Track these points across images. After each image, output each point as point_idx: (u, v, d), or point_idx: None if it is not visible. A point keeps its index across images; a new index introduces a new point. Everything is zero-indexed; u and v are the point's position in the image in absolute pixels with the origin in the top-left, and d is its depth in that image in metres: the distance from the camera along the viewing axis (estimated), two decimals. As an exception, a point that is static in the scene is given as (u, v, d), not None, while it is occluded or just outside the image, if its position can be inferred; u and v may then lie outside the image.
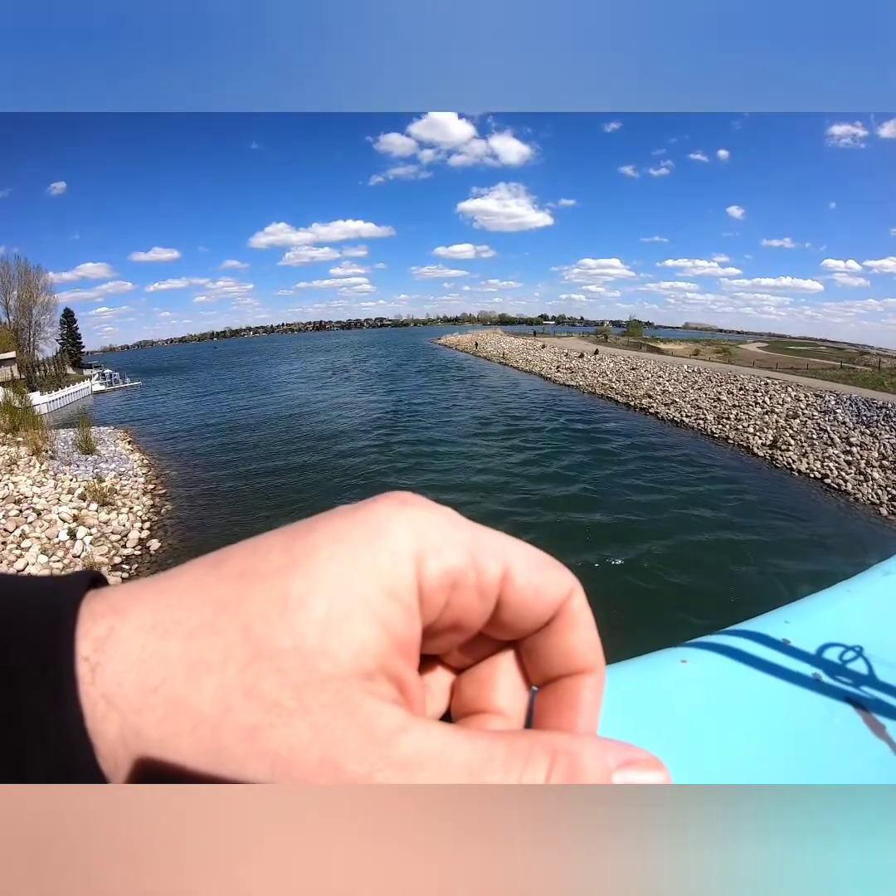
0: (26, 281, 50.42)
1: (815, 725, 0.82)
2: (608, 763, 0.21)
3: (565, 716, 0.25)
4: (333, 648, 0.19)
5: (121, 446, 17.67)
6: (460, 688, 0.28)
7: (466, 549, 0.23)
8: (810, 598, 1.10)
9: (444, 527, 0.23)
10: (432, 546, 0.22)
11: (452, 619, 0.23)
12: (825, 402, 19.45)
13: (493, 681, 0.27)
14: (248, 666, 0.19)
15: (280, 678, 0.19)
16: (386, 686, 0.20)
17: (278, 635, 0.19)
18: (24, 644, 0.18)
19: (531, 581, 0.24)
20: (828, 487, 13.90)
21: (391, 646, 0.21)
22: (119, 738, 0.18)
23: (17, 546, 9.13)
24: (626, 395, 26.47)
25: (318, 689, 0.19)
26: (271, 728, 0.18)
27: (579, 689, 0.25)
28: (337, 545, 0.21)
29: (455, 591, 0.23)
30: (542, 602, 0.24)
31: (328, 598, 0.20)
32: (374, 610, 0.20)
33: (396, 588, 0.21)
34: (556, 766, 0.20)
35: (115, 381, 46.52)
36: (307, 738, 0.18)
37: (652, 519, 10.97)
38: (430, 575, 0.22)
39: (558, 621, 0.25)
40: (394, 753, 0.19)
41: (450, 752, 0.19)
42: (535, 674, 0.27)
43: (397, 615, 0.21)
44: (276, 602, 0.20)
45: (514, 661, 0.27)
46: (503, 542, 0.24)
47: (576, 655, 0.25)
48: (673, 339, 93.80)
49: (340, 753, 0.18)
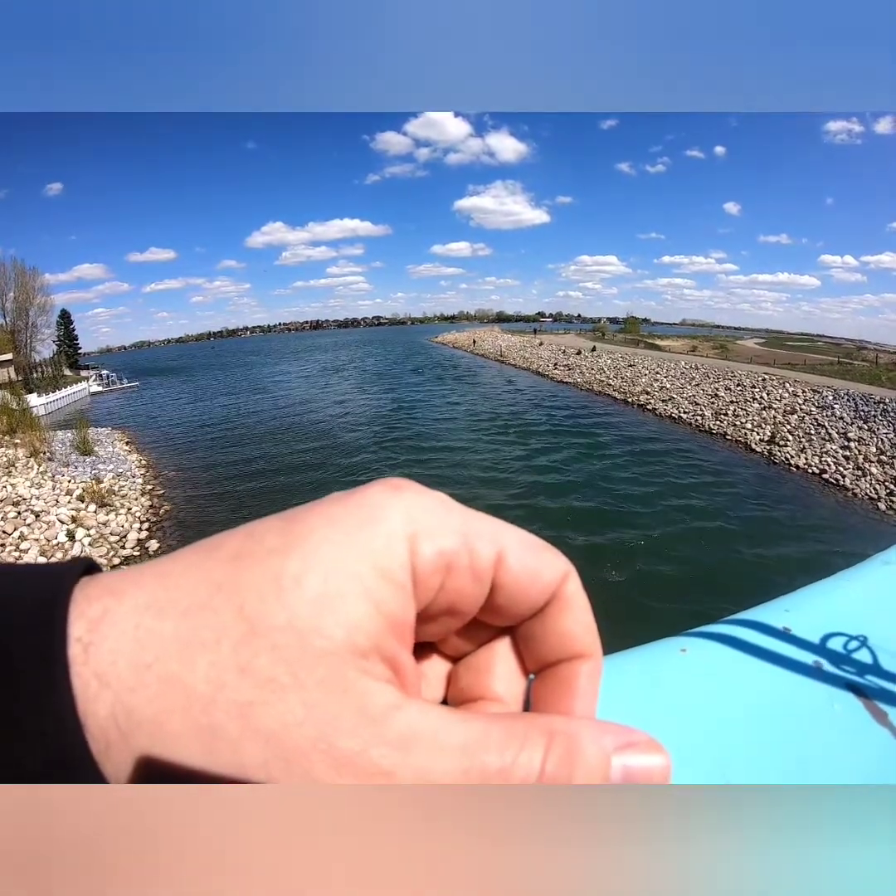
0: (22, 282, 50.20)
1: (816, 713, 0.82)
2: (606, 745, 0.21)
3: (563, 701, 0.25)
4: (328, 625, 0.19)
5: (119, 447, 17.67)
6: (457, 676, 0.27)
7: (460, 532, 0.23)
8: (810, 588, 1.11)
9: (437, 510, 0.23)
10: (426, 529, 0.22)
11: (447, 603, 0.23)
12: (823, 397, 19.53)
13: (489, 668, 0.27)
14: (242, 643, 0.19)
15: (274, 655, 0.19)
16: (380, 666, 0.20)
17: (273, 613, 0.19)
18: (17, 627, 0.18)
19: (525, 564, 0.24)
20: (826, 482, 13.95)
21: (385, 626, 0.21)
22: (111, 717, 0.18)
23: (15, 548, 9.14)
24: (623, 392, 26.54)
25: (313, 665, 0.19)
26: (265, 705, 0.18)
27: (576, 674, 0.25)
28: (332, 528, 0.21)
29: (449, 573, 0.22)
30: (537, 585, 0.24)
31: (323, 577, 0.20)
32: (369, 589, 0.20)
33: (391, 569, 0.21)
34: (553, 747, 0.20)
35: (112, 382, 46.52)
36: (301, 715, 0.18)
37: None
38: (424, 557, 0.22)
39: (553, 605, 0.25)
40: (388, 731, 0.19)
41: (445, 732, 0.19)
42: (532, 660, 0.26)
43: (392, 595, 0.21)
44: (270, 581, 0.20)
45: (510, 648, 0.27)
46: (496, 525, 0.24)
47: (572, 640, 0.25)
48: (670, 335, 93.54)
49: (334, 730, 0.18)
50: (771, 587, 1.44)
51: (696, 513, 11.26)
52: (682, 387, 25.18)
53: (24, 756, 0.17)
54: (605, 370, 32.27)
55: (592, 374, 32.08)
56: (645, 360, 33.58)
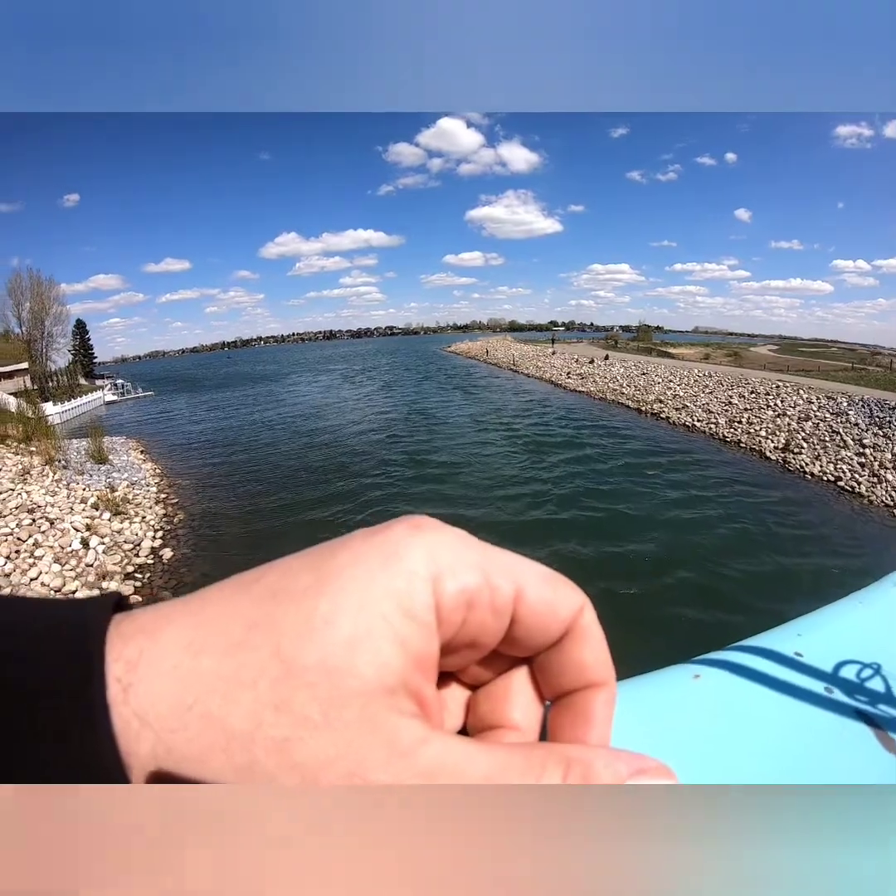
0: (38, 292, 50.63)
1: (827, 743, 0.81)
2: (620, 771, 0.22)
3: (579, 729, 0.26)
4: (358, 666, 0.20)
5: (133, 456, 17.77)
6: (476, 704, 0.28)
7: (480, 569, 0.23)
8: (821, 611, 1.09)
9: (457, 548, 0.24)
10: (447, 567, 0.23)
11: (469, 637, 0.24)
12: (837, 403, 19.32)
13: (507, 696, 0.27)
14: (279, 682, 0.19)
15: (309, 693, 0.19)
16: (406, 701, 0.21)
17: (306, 653, 0.20)
18: (55, 667, 0.18)
19: (543, 598, 0.25)
20: (841, 490, 13.80)
21: (411, 663, 0.21)
22: (151, 756, 0.18)
23: (30, 555, 9.16)
24: (636, 401, 26.40)
25: (344, 704, 0.19)
26: (301, 741, 0.19)
27: (592, 703, 0.26)
28: (357, 567, 0.22)
29: (471, 609, 0.23)
30: (555, 618, 0.25)
31: (352, 618, 0.20)
32: (395, 629, 0.21)
33: (414, 608, 0.22)
34: (571, 774, 0.21)
35: (127, 391, 46.92)
36: (334, 753, 0.19)
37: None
38: (447, 594, 0.22)
39: (570, 637, 0.26)
40: (416, 764, 0.19)
41: (469, 763, 0.20)
42: (549, 689, 0.27)
43: (416, 634, 0.21)
44: (304, 621, 0.20)
45: (527, 677, 0.28)
46: (514, 560, 0.25)
47: (587, 670, 0.26)
48: (683, 343, 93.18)
49: (366, 766, 0.19)
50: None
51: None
52: (696, 395, 25.03)
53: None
54: (617, 379, 32.10)
55: (605, 382, 31.89)
56: (658, 369, 33.46)
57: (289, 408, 30.42)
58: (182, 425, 26.99)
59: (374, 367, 60.39)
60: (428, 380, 42.62)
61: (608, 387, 30.63)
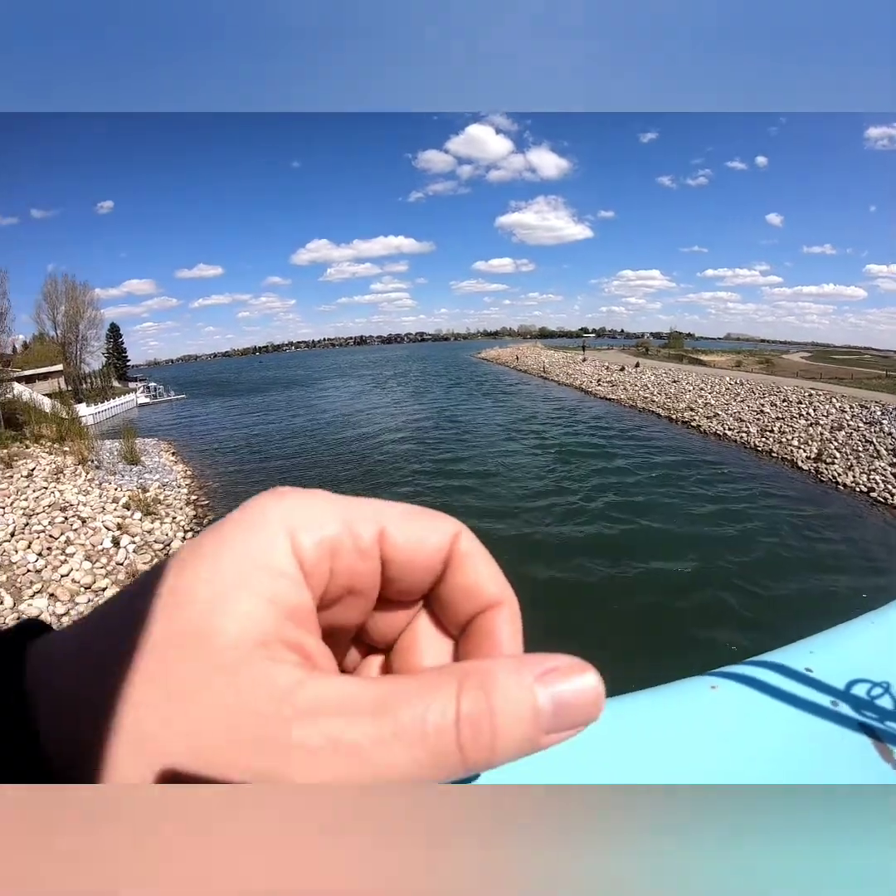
0: (73, 297, 51.44)
1: (826, 748, 0.81)
2: (524, 675, 0.20)
3: (484, 651, 0.25)
4: (222, 624, 0.20)
5: (165, 458, 18.10)
6: (390, 665, 0.28)
7: (340, 519, 0.24)
8: (834, 630, 1.09)
9: (316, 505, 0.24)
10: (306, 521, 0.23)
11: (344, 584, 0.24)
12: (871, 412, 18.99)
13: (415, 646, 0.27)
14: (149, 655, 0.20)
15: (181, 657, 0.20)
16: (284, 651, 0.21)
17: (172, 625, 0.20)
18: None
19: (406, 532, 0.25)
20: (874, 501, 13.54)
21: (281, 614, 0.21)
22: (58, 748, 0.19)
23: (62, 552, 9.36)
24: (667, 409, 26.19)
25: (218, 661, 0.19)
26: (182, 705, 0.19)
27: (493, 623, 0.26)
28: (219, 543, 0.22)
29: (335, 557, 0.23)
30: (425, 550, 0.25)
31: (208, 584, 0.21)
32: (255, 585, 0.21)
33: (275, 564, 0.22)
34: (466, 686, 0.20)
35: (159, 394, 47.68)
36: (214, 710, 0.19)
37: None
38: (305, 547, 0.22)
39: (451, 566, 0.26)
40: (296, 703, 0.19)
41: (352, 696, 0.20)
42: (452, 625, 0.27)
43: (281, 587, 0.22)
44: (165, 594, 0.21)
45: (430, 622, 0.27)
46: (377, 505, 0.25)
47: (478, 592, 0.26)
48: (715, 350, 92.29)
49: (247, 718, 0.19)
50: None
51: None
52: (727, 403, 24.76)
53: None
54: (648, 386, 31.91)
55: (636, 390, 31.71)
56: (689, 376, 33.19)
57: (319, 413, 30.62)
58: (213, 429, 27.35)
59: (404, 373, 60.77)
60: (458, 386, 42.80)
61: (639, 394, 30.45)
